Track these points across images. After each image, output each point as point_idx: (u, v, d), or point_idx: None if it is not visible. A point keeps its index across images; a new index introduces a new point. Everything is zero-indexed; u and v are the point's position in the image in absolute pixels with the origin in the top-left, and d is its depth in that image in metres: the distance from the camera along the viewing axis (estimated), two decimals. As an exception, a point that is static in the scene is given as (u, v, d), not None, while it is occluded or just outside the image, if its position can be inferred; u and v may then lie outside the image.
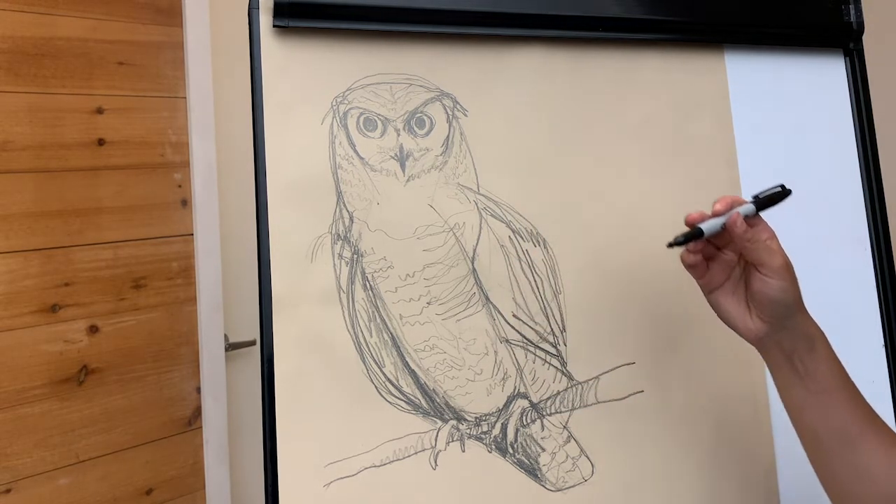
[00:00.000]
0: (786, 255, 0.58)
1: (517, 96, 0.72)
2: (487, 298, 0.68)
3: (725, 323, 0.61)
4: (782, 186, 0.60)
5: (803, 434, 0.60)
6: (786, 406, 0.60)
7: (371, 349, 0.64)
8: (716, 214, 0.58)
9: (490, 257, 0.68)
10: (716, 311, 0.61)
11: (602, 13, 0.74)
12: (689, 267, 0.60)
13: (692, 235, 0.57)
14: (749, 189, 0.79)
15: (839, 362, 0.59)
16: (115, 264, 1.23)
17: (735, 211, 0.57)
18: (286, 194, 0.64)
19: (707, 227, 0.57)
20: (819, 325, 0.60)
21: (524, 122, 0.71)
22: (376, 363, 0.64)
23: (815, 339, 0.58)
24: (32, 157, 1.15)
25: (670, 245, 0.57)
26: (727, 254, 0.61)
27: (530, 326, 0.69)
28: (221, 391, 1.27)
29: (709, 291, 0.61)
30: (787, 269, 0.57)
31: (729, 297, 0.60)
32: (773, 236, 0.58)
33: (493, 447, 0.67)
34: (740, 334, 0.60)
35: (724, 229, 0.58)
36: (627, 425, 0.71)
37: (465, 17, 0.69)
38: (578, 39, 0.74)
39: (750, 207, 0.58)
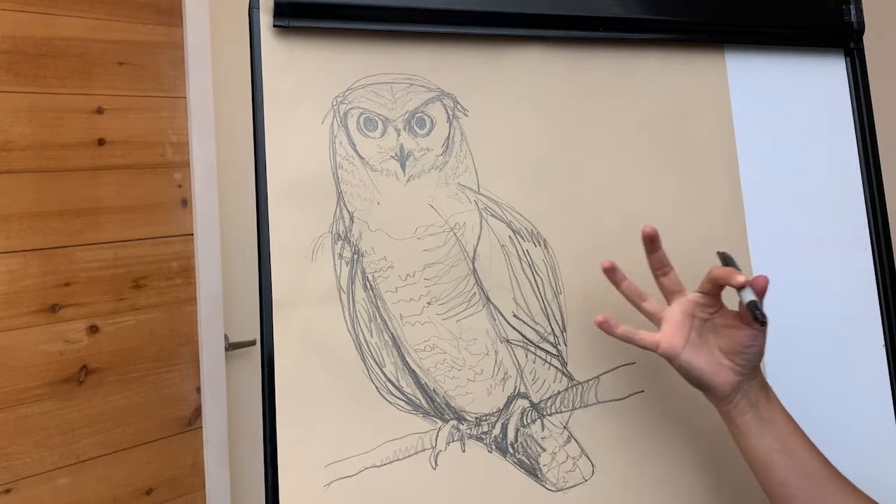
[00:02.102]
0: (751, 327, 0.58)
1: (517, 96, 0.72)
2: (488, 298, 0.68)
3: (698, 381, 0.61)
4: (763, 318, 0.57)
5: (774, 489, 0.59)
6: (754, 464, 0.60)
7: (371, 349, 0.64)
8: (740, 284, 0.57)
9: (490, 257, 0.68)
10: (687, 373, 0.61)
11: (602, 13, 0.74)
12: (659, 322, 0.61)
13: (731, 261, 0.59)
14: (749, 189, 0.79)
15: (787, 411, 0.60)
16: (115, 264, 1.23)
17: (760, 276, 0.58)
18: (286, 194, 0.64)
19: (749, 298, 0.57)
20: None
21: (525, 121, 0.71)
22: (376, 363, 0.64)
23: (768, 387, 0.60)
24: (32, 157, 1.15)
25: (723, 257, 0.59)
26: (697, 313, 0.61)
27: (531, 326, 0.69)
28: (221, 391, 1.27)
29: (675, 355, 0.61)
30: (756, 341, 0.58)
31: (698, 353, 0.60)
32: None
33: (494, 447, 0.67)
34: (712, 389, 0.60)
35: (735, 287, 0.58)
36: (627, 425, 0.71)
37: (465, 17, 0.69)
38: (578, 39, 0.74)
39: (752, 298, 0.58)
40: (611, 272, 0.63)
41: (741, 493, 0.74)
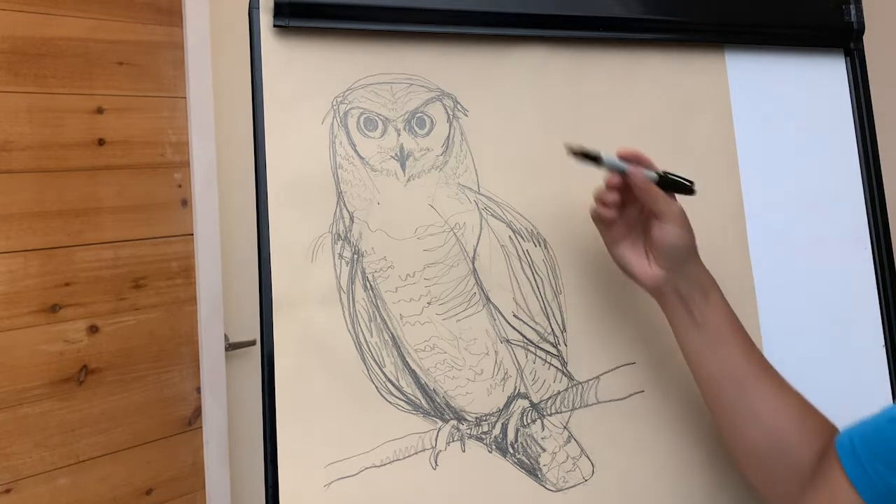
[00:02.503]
0: (680, 206, 0.62)
1: (517, 96, 0.71)
2: (488, 298, 0.68)
3: (626, 272, 0.65)
4: (691, 183, 0.64)
5: (701, 380, 0.64)
6: (685, 354, 0.64)
7: (371, 349, 0.64)
8: (622, 158, 0.62)
9: (490, 257, 0.68)
10: (618, 263, 0.66)
11: (602, 13, 0.74)
12: (598, 219, 0.65)
13: (592, 157, 0.62)
14: (749, 189, 0.79)
15: (733, 313, 0.63)
16: (115, 264, 1.23)
17: (640, 169, 0.62)
18: (286, 194, 0.64)
19: (607, 158, 0.62)
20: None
21: (525, 121, 0.71)
22: (376, 363, 0.64)
23: (709, 289, 0.63)
24: (32, 157, 1.15)
25: (570, 150, 0.62)
26: (630, 211, 0.64)
27: (531, 326, 0.69)
28: (221, 391, 1.26)
29: (612, 245, 0.66)
30: (683, 217, 0.62)
31: (629, 249, 0.65)
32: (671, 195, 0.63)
33: (494, 447, 0.67)
34: (640, 282, 0.64)
35: (625, 176, 0.62)
36: (628, 425, 0.71)
37: (465, 17, 0.69)
38: (578, 39, 0.74)
39: (653, 175, 0.63)
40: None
41: (741, 493, 0.74)
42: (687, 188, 0.65)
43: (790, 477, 0.60)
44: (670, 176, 0.64)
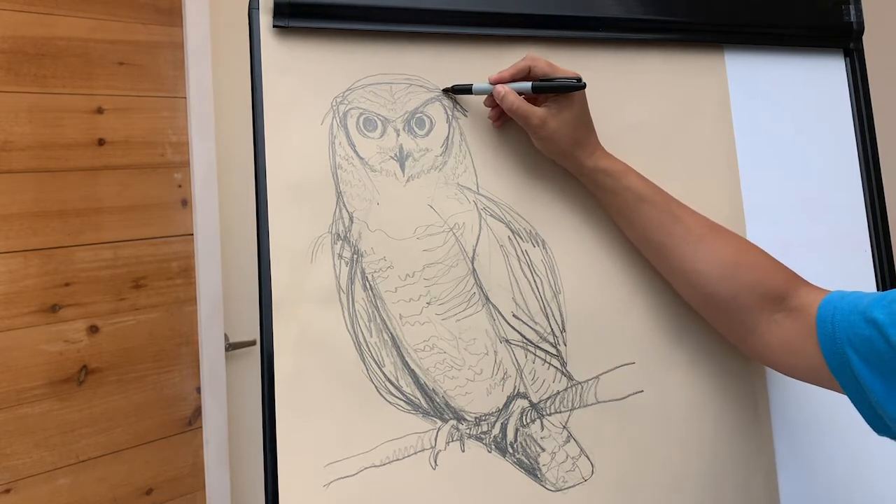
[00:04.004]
0: (541, 112, 0.65)
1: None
2: (487, 298, 0.68)
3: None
4: (578, 79, 0.65)
5: (644, 248, 0.71)
6: (634, 236, 0.70)
7: (371, 349, 0.64)
8: (492, 82, 0.67)
9: (490, 257, 0.68)
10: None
11: (602, 13, 0.74)
12: (496, 120, 0.69)
13: (462, 89, 0.68)
14: (748, 189, 0.79)
15: (649, 188, 0.68)
16: (115, 264, 1.23)
17: (505, 86, 0.65)
18: (286, 194, 0.64)
19: (477, 87, 0.67)
20: None
21: (524, 122, 0.71)
22: (376, 363, 0.64)
23: (614, 172, 0.67)
24: (32, 157, 1.15)
25: (444, 90, 0.68)
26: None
27: (530, 326, 0.69)
28: (221, 391, 1.26)
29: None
30: (546, 125, 0.65)
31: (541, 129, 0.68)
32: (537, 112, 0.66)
33: (493, 447, 0.67)
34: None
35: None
36: (627, 425, 0.71)
37: (465, 17, 0.69)
38: (578, 40, 0.74)
39: (526, 87, 0.65)
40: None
41: (741, 493, 0.74)
42: (574, 86, 0.65)
43: (731, 325, 0.67)
44: (545, 83, 0.65)
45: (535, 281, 0.70)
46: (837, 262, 0.81)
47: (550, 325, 0.70)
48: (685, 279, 0.68)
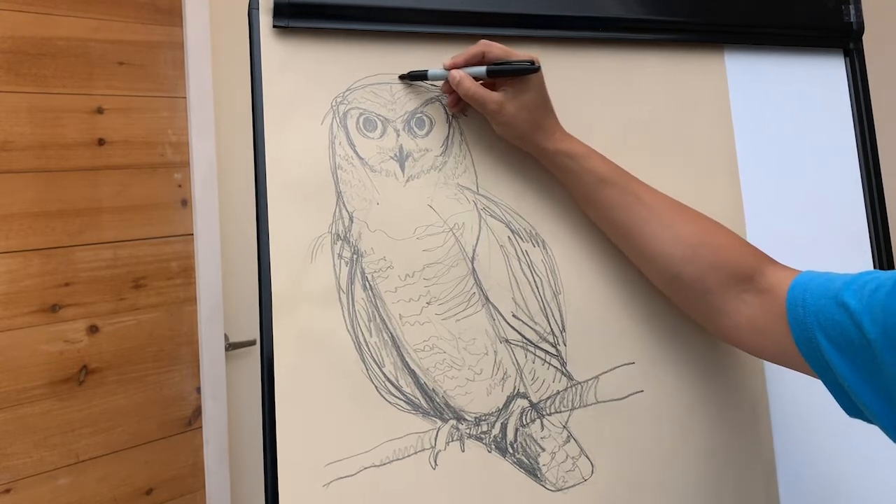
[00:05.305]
0: (498, 97, 0.65)
1: (517, 96, 0.71)
2: (487, 298, 0.68)
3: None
4: (531, 62, 0.64)
5: (608, 230, 0.70)
6: (597, 218, 0.70)
7: (371, 349, 0.64)
8: (446, 68, 0.66)
9: (490, 257, 0.68)
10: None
11: (602, 13, 0.74)
12: (455, 106, 0.69)
13: (417, 75, 0.67)
14: (749, 189, 0.79)
15: (611, 171, 0.67)
16: (115, 264, 1.23)
17: (460, 71, 0.65)
18: (286, 194, 0.64)
19: (432, 72, 0.67)
20: None
21: (524, 122, 0.71)
22: (376, 363, 0.64)
23: (575, 155, 0.67)
24: (32, 157, 1.15)
25: (399, 78, 0.68)
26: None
27: (530, 326, 0.69)
28: (221, 391, 1.26)
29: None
30: (501, 113, 0.65)
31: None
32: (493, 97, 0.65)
33: (493, 447, 0.67)
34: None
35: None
36: (627, 425, 0.71)
37: (465, 17, 0.69)
38: (578, 40, 0.74)
39: (481, 71, 0.64)
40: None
41: (741, 493, 0.74)
42: (528, 69, 0.64)
43: (699, 306, 0.66)
44: (499, 66, 0.64)
45: (535, 281, 0.70)
46: (837, 261, 0.81)
47: (550, 325, 0.70)
48: (650, 261, 0.67)
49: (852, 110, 0.84)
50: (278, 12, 0.64)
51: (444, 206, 0.68)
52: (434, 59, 0.69)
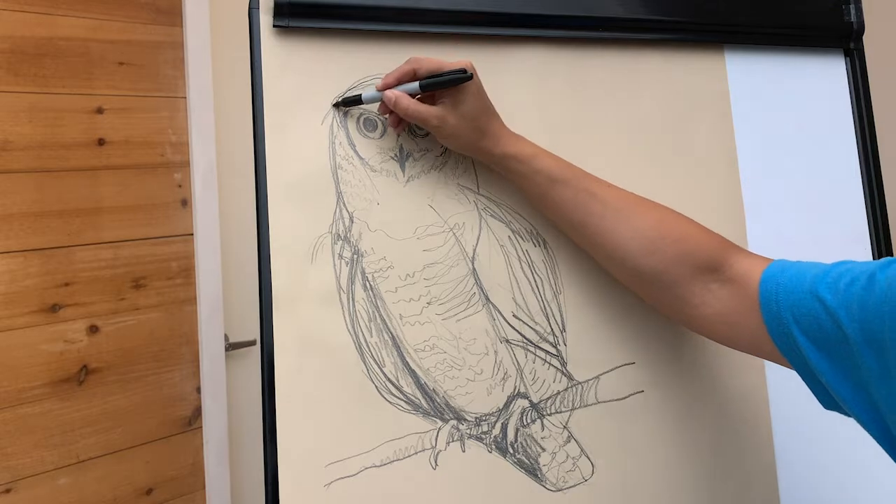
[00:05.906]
0: (435, 115, 0.64)
1: (517, 96, 0.72)
2: (487, 298, 0.68)
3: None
4: (463, 71, 0.62)
5: (566, 229, 0.69)
6: (554, 219, 0.69)
7: (371, 349, 0.64)
8: (379, 89, 0.65)
9: (490, 257, 0.68)
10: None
11: (602, 13, 0.74)
12: (397, 126, 0.67)
13: (351, 101, 0.66)
14: (749, 189, 0.79)
15: (559, 169, 0.66)
16: (115, 264, 1.23)
17: (394, 90, 0.64)
18: (286, 194, 0.64)
19: (366, 95, 0.65)
20: None
21: (525, 122, 0.71)
22: (376, 363, 0.64)
23: (523, 157, 0.65)
24: (32, 157, 1.15)
25: (333, 105, 0.66)
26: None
27: (530, 326, 0.69)
28: (221, 391, 1.26)
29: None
30: (443, 126, 0.64)
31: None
32: (429, 111, 0.64)
33: (494, 447, 0.67)
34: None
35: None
36: (627, 425, 0.71)
37: (465, 17, 0.69)
38: (578, 39, 0.74)
39: (415, 87, 0.63)
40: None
41: (741, 493, 0.74)
42: (460, 78, 0.62)
43: (665, 300, 0.65)
44: (431, 79, 0.63)
45: (535, 281, 0.70)
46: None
47: (551, 325, 0.70)
48: (609, 257, 0.66)
49: (852, 110, 0.84)
50: (278, 12, 0.64)
51: (444, 205, 0.68)
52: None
